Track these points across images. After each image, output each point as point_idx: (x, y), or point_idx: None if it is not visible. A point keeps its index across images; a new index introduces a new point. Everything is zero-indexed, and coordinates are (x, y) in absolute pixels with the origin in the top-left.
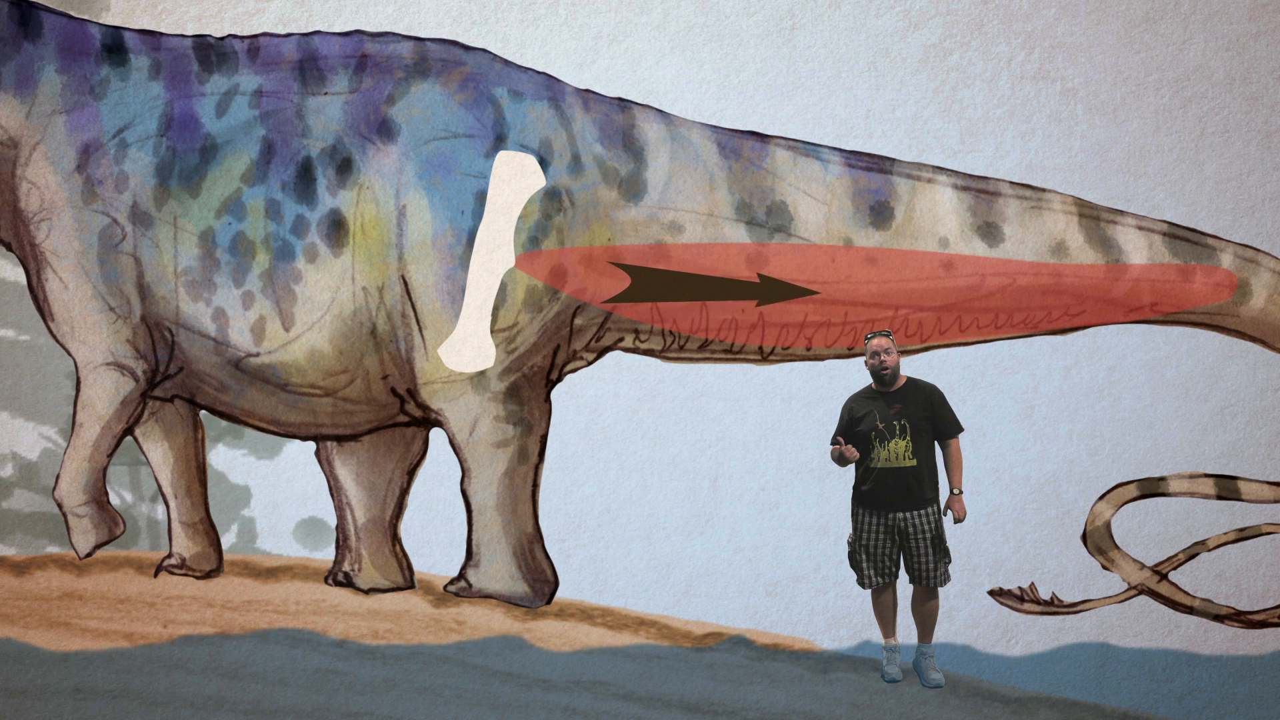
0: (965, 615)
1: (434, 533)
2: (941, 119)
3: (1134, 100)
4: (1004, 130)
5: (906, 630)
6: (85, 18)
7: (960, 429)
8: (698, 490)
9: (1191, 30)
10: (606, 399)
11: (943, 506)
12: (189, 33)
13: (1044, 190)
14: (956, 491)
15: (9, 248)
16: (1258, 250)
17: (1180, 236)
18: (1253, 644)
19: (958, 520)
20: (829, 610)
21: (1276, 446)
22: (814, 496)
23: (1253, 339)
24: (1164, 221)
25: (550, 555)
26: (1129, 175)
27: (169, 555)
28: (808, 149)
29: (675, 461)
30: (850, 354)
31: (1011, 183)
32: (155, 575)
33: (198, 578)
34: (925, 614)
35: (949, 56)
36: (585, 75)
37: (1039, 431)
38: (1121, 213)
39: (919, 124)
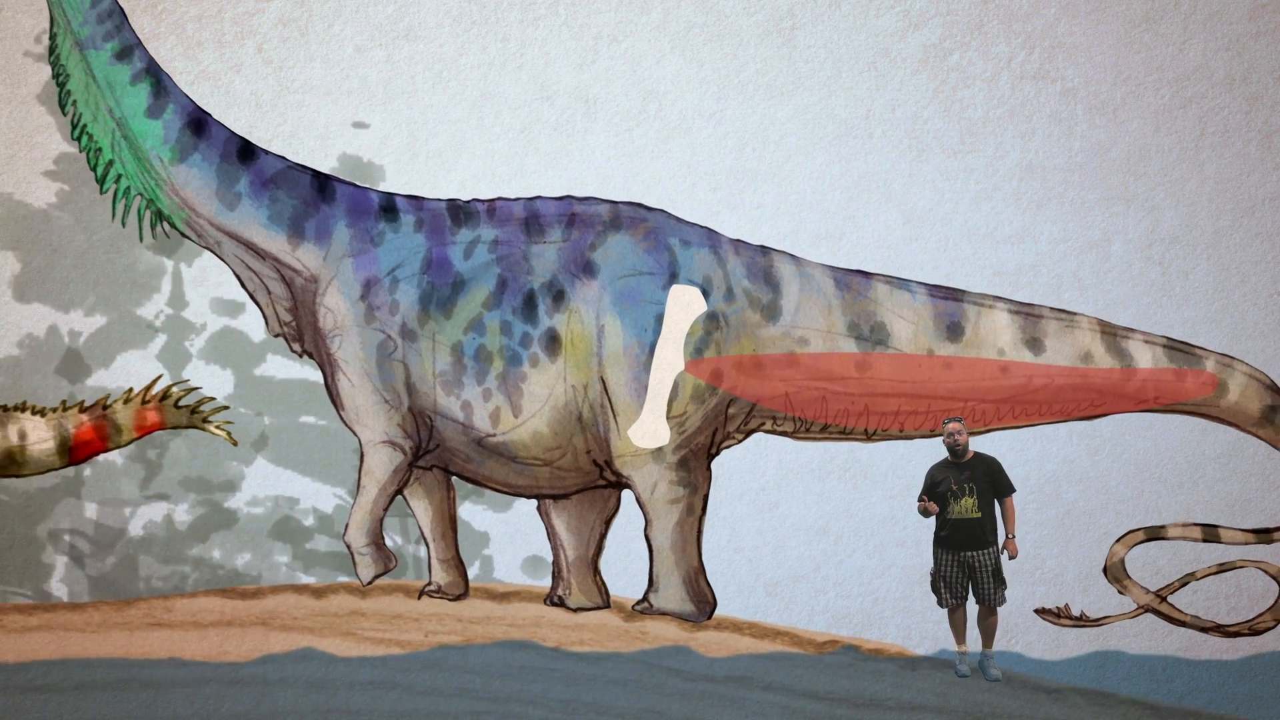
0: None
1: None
2: (941, 119)
3: (1134, 100)
4: (1004, 130)
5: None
6: (366, 186)
7: (1013, 489)
8: None
9: (1191, 30)
10: None
11: (1000, 546)
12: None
13: (1075, 314)
14: (1011, 536)
15: (310, 356)
16: (1233, 358)
17: (1175, 347)
18: (1252, 645)
19: (1012, 557)
20: (829, 610)
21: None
22: (814, 496)
23: (1230, 424)
24: (1164, 336)
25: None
26: (1129, 175)
27: (429, 583)
28: (901, 283)
29: None
30: (932, 434)
31: (1051, 308)
32: (419, 598)
33: (450, 600)
34: (987, 627)
35: (949, 56)
36: (585, 75)
37: (1039, 431)
38: (1132, 330)
39: (919, 124)
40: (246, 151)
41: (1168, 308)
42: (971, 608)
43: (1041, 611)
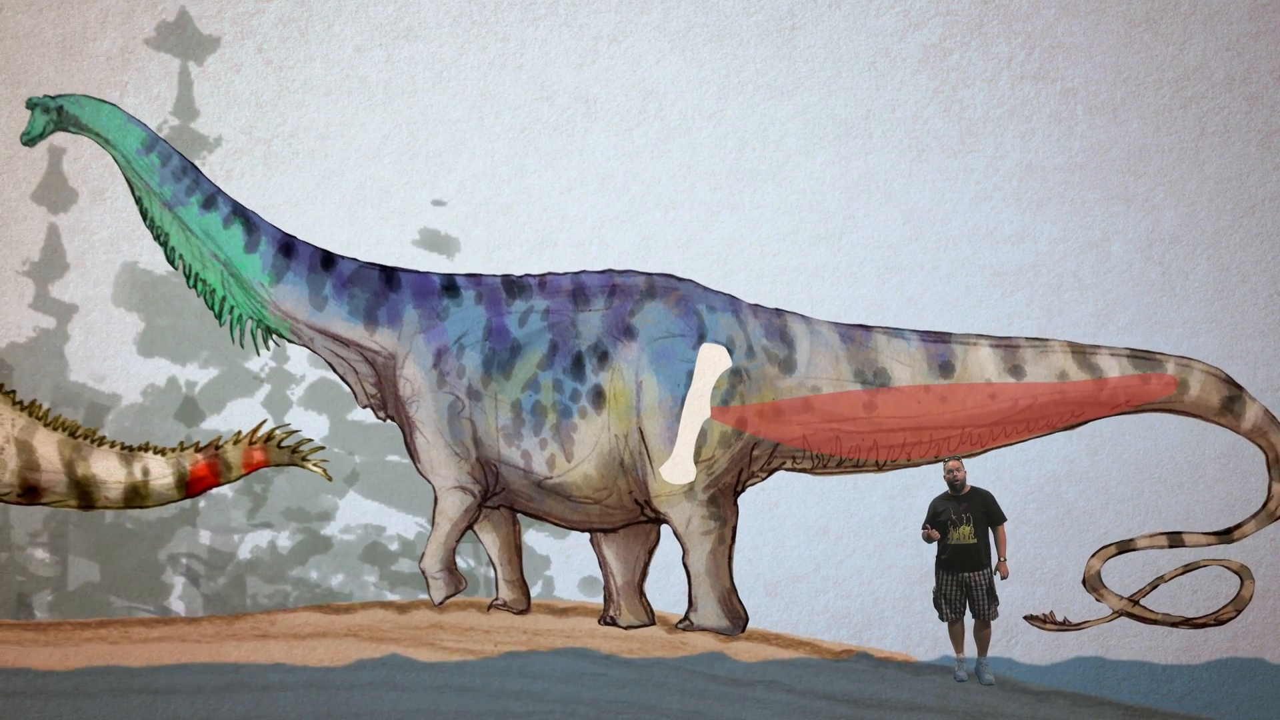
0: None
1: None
2: (941, 119)
3: (1134, 100)
4: (1004, 130)
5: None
6: (427, 271)
7: (1004, 519)
8: None
9: (1191, 30)
10: None
11: (993, 568)
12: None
13: (1046, 340)
14: (1002, 559)
15: (393, 419)
16: (1191, 359)
17: (1138, 355)
18: (1252, 645)
19: (1003, 578)
20: (829, 610)
21: None
22: (814, 496)
23: (1195, 416)
24: (1126, 348)
25: (740, 595)
26: (1129, 175)
27: (497, 599)
28: (896, 332)
29: None
30: (936, 460)
31: (1025, 338)
32: (488, 612)
33: (515, 614)
34: (982, 638)
35: (949, 56)
36: (585, 75)
37: None
38: (1098, 346)
39: (919, 124)
40: (327, 260)
41: (1168, 308)
42: (969, 621)
43: (1030, 618)
